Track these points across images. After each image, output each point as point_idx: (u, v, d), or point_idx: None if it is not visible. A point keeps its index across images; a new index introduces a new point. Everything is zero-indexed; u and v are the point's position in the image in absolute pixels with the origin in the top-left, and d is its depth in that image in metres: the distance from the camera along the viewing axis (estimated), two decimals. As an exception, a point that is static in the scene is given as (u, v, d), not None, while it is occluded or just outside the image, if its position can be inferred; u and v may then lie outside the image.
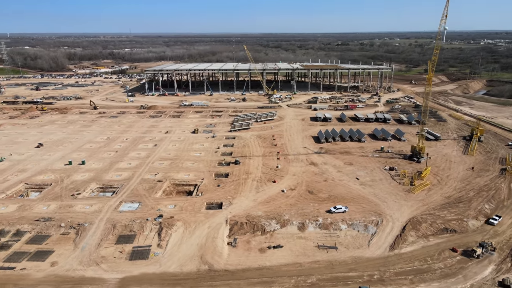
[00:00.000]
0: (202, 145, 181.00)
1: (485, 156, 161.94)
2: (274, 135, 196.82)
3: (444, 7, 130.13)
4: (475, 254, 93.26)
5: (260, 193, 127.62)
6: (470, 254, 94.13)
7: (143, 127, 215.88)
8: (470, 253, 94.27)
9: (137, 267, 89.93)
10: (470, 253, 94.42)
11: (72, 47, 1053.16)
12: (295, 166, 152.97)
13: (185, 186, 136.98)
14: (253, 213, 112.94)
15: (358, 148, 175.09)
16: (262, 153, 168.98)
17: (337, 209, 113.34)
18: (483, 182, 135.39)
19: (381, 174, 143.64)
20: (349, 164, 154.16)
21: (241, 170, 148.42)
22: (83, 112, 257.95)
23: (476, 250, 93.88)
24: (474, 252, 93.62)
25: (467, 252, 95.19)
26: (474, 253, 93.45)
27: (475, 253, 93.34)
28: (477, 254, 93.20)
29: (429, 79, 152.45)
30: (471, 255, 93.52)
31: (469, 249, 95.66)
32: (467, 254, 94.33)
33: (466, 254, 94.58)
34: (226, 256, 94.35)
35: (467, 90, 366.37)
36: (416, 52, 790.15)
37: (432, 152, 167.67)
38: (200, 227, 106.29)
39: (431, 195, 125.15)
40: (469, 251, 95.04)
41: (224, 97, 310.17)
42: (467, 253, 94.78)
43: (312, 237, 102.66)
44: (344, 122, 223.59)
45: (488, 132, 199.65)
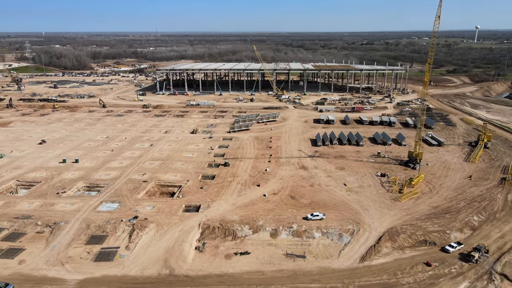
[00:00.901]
0: (197, 146, 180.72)
1: (487, 164, 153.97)
2: (272, 137, 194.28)
3: (438, 7, 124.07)
4: (473, 259, 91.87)
5: (241, 197, 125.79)
6: (468, 259, 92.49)
7: (145, 126, 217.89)
8: (468, 259, 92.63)
9: (100, 269, 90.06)
10: (468, 258, 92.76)
11: (100, 46, 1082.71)
12: (285, 169, 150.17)
13: (170, 187, 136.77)
14: (228, 218, 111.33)
15: (354, 152, 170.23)
16: (255, 155, 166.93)
17: (314, 216, 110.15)
18: (478, 191, 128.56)
19: (371, 180, 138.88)
20: (341, 169, 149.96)
21: (228, 172, 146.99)
22: (92, 111, 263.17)
23: (474, 255, 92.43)
24: (472, 258, 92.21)
25: (464, 257, 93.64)
26: (472, 258, 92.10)
27: (473, 258, 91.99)
28: (475, 259, 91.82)
29: (425, 81, 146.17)
30: (469, 260, 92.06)
31: (466, 254, 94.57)
32: (465, 260, 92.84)
33: (464, 259, 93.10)
34: (190, 261, 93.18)
35: (489, 92, 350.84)
36: (443, 52, 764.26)
37: (432, 158, 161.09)
38: (172, 230, 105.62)
39: (418, 204, 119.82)
40: (466, 256, 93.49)
41: (233, 97, 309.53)
42: (465, 258, 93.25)
43: (283, 245, 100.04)
44: (347, 124, 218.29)
45: (498, 138, 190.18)
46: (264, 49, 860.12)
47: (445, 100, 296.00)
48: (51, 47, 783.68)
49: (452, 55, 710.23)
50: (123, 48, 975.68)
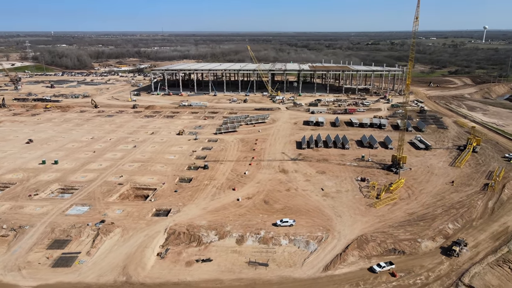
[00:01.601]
0: (180, 148, 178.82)
1: (473, 169, 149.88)
2: (258, 139, 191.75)
3: (416, 8, 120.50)
4: (455, 253, 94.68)
5: (214, 201, 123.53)
6: (449, 253, 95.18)
7: (133, 127, 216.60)
8: (449, 253, 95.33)
9: (56, 275, 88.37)
10: (449, 252, 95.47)
11: (105, 45, 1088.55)
12: (264, 173, 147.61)
13: (145, 190, 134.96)
14: (196, 223, 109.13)
15: (338, 156, 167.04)
16: (237, 158, 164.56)
17: (283, 223, 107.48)
18: (458, 198, 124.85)
19: (350, 185, 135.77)
20: (321, 173, 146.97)
21: (206, 175, 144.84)
22: (83, 111, 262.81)
23: (455, 249, 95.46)
24: (453, 252, 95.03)
25: (446, 251, 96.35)
26: (453, 252, 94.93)
27: (454, 252, 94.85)
28: (456, 253, 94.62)
29: (407, 84, 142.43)
30: (451, 254, 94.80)
31: (448, 247, 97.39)
32: (447, 254, 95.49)
33: (446, 253, 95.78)
34: (149, 268, 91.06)
35: (489, 94, 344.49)
36: (448, 53, 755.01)
37: (417, 163, 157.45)
38: (137, 235, 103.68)
39: (394, 211, 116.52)
40: (448, 250, 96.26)
41: (227, 98, 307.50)
42: (447, 252, 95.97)
43: (247, 252, 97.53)
44: (337, 127, 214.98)
45: (489, 141, 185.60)
46: (267, 49, 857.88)
47: (442, 102, 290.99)
48: (55, 47, 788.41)
49: (457, 56, 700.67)
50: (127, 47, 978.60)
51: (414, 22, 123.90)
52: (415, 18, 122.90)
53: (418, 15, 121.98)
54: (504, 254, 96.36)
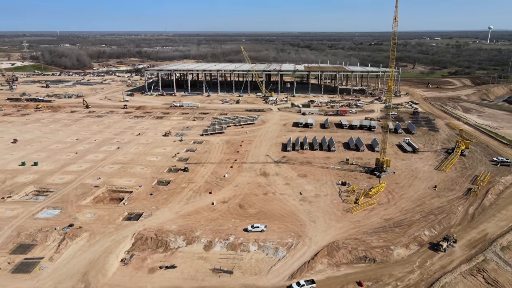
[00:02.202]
0: (164, 149, 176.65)
1: (458, 173, 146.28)
2: (244, 141, 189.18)
3: (395, 8, 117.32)
4: (442, 248, 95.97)
5: (188, 205, 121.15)
6: (437, 248, 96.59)
7: (120, 128, 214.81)
8: (437, 248, 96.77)
9: (14, 281, 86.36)
10: (437, 247, 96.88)
11: (108, 45, 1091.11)
12: (244, 176, 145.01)
13: (121, 192, 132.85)
14: (166, 227, 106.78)
15: (323, 159, 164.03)
16: (219, 160, 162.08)
17: (254, 228, 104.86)
18: (439, 203, 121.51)
19: (330, 189, 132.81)
20: (303, 176, 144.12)
21: (185, 178, 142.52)
22: (74, 111, 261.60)
23: (442, 244, 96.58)
24: (440, 247, 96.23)
25: (433, 246, 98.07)
26: (440, 247, 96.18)
27: (441, 247, 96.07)
28: (443, 248, 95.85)
29: (390, 86, 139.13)
30: (438, 249, 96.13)
31: (436, 243, 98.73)
32: (434, 249, 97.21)
33: (433, 248, 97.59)
34: (110, 275, 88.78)
35: (487, 96, 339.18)
36: (450, 53, 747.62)
37: (402, 166, 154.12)
38: (103, 240, 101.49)
39: (370, 217, 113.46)
40: (435, 246, 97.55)
41: (220, 98, 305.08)
42: (434, 247, 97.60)
43: (214, 258, 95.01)
44: (326, 128, 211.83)
45: (479, 144, 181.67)
46: (269, 49, 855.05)
47: (438, 103, 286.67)
48: (56, 47, 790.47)
49: (459, 56, 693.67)
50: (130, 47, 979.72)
51: (393, 22, 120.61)
52: (393, 19, 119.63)
53: (397, 16, 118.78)
54: (479, 263, 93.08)
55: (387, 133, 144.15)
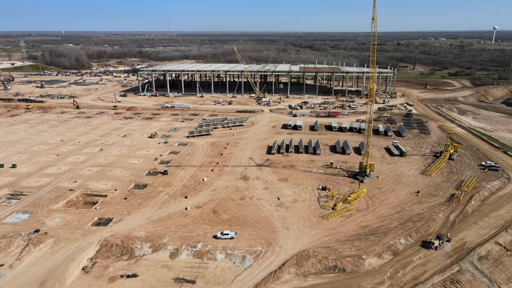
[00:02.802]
0: (147, 151, 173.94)
1: (444, 178, 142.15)
2: (229, 143, 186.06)
3: (373, 9, 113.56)
4: (433, 246, 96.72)
5: (161, 210, 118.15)
6: (428, 246, 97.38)
7: (107, 129, 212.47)
8: (428, 245, 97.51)
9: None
10: (428, 245, 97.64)
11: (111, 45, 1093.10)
12: (224, 179, 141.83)
13: (96, 196, 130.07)
14: (134, 233, 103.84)
15: (307, 162, 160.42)
16: (201, 163, 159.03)
17: (224, 235, 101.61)
18: (419, 210, 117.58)
19: (309, 194, 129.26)
20: (283, 180, 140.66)
21: (163, 181, 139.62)
22: (64, 112, 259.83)
23: (434, 242, 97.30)
24: (432, 244, 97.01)
25: (425, 244, 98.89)
26: (432, 245, 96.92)
27: (433, 245, 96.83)
28: (435, 246, 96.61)
29: (371, 88, 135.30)
30: (429, 247, 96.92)
31: (428, 241, 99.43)
32: (425, 246, 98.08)
33: (425, 245, 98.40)
34: (68, 284, 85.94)
35: (485, 97, 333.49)
36: (453, 54, 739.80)
37: (387, 170, 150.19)
38: (68, 247, 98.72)
39: (346, 223, 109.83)
40: (427, 244, 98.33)
41: (213, 99, 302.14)
42: (426, 245, 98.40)
43: (179, 267, 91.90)
44: (315, 131, 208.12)
45: (469, 148, 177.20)
46: (270, 49, 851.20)
47: (433, 105, 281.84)
48: (57, 46, 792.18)
49: (462, 57, 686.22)
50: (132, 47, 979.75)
51: (372, 23, 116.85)
52: (372, 19, 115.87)
53: (375, 16, 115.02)
54: (454, 274, 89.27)
55: (369, 136, 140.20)
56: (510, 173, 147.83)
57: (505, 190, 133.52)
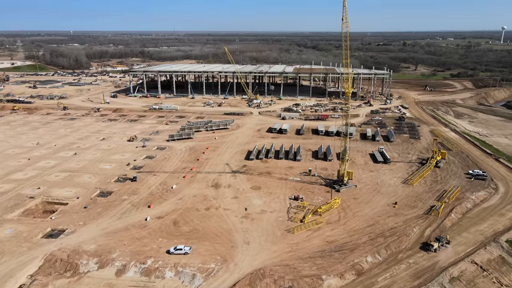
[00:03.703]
0: (122, 156, 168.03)
1: (426, 188, 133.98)
2: (209, 147, 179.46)
3: (343, 8, 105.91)
4: (432, 248, 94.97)
5: (120, 220, 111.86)
6: (427, 249, 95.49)
7: (88, 132, 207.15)
8: (427, 248, 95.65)
9: None
10: (427, 247, 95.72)
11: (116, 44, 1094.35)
12: (194, 187, 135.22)
13: (57, 204, 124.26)
14: (84, 247, 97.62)
15: (285, 169, 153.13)
16: (174, 169, 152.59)
17: (177, 250, 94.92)
18: (394, 223, 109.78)
19: (280, 204, 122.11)
20: (256, 189, 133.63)
21: (130, 188, 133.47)
22: (49, 113, 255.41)
23: (433, 244, 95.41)
24: (431, 247, 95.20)
25: (424, 246, 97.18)
26: (431, 248, 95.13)
27: (432, 248, 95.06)
28: (434, 248, 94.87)
29: (347, 92, 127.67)
30: (428, 250, 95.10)
31: (427, 243, 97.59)
32: (424, 249, 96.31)
33: (424, 248, 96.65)
34: (0, 303, 79.81)
35: (485, 99, 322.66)
36: (458, 54, 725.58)
37: (368, 178, 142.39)
38: (10, 261, 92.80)
39: (312, 238, 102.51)
40: (426, 246, 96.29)
41: (204, 101, 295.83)
42: (425, 247, 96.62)
43: (123, 285, 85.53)
44: (301, 135, 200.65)
45: (458, 155, 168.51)
46: (272, 49, 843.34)
47: (430, 108, 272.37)
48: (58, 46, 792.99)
49: (467, 57, 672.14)
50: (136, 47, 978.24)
51: (343, 24, 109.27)
52: (342, 19, 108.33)
53: (344, 17, 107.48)
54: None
55: (347, 142, 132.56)
56: (498, 183, 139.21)
57: (490, 201, 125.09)
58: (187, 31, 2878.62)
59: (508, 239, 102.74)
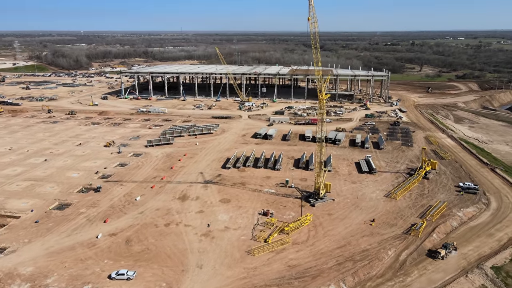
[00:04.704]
0: (94, 163, 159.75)
1: (410, 202, 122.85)
2: (187, 154, 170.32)
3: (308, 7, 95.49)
4: (439, 255, 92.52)
5: (69, 238, 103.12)
6: (434, 256, 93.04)
7: (66, 136, 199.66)
8: (434, 255, 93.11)
9: None
10: (434, 255, 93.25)
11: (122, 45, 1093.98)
12: (159, 199, 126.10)
13: (9, 218, 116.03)
14: (19, 270, 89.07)
15: (262, 179, 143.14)
16: (144, 178, 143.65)
17: (119, 275, 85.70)
18: (367, 244, 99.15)
19: (247, 220, 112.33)
20: (225, 202, 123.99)
21: (91, 200, 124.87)
22: (34, 116, 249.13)
23: (440, 251, 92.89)
24: (438, 254, 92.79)
25: (431, 253, 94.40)
26: (438, 255, 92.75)
27: (439, 255, 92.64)
28: (441, 256, 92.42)
29: (320, 99, 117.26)
30: (435, 257, 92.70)
31: (434, 251, 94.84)
32: (431, 256, 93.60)
33: (431, 255, 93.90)
34: None
35: (490, 103, 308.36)
36: (467, 54, 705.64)
37: (348, 191, 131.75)
38: None
39: (273, 262, 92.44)
40: (433, 253, 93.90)
41: (195, 103, 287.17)
42: (432, 254, 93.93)
43: (51, 317, 76.28)
44: (286, 141, 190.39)
45: (451, 164, 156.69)
46: (276, 50, 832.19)
47: (429, 112, 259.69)
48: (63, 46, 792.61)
49: (476, 58, 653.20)
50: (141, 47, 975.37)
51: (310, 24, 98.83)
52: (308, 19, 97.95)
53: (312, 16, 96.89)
54: (383, 338, 70.97)
55: (321, 148, 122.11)
56: (491, 197, 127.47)
57: (479, 219, 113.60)
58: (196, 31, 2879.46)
59: (494, 265, 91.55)
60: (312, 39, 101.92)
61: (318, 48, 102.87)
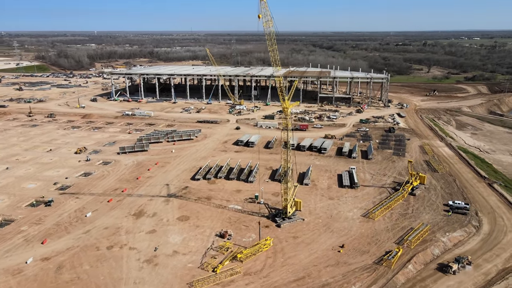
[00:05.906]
0: (57, 172, 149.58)
1: (390, 224, 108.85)
2: (158, 163, 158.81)
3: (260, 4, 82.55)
4: (451, 270, 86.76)
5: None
6: (446, 270, 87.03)
7: (39, 141, 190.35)
8: (446, 270, 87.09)
9: None
10: (446, 269, 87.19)
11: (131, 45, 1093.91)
12: (112, 215, 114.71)
13: None
14: None
15: (231, 193, 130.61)
16: (104, 190, 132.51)
17: (31, 313, 73.91)
18: (329, 277, 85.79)
19: (201, 243, 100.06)
20: (183, 220, 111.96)
21: (37, 216, 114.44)
22: (15, 118, 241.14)
23: (452, 266, 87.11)
24: (450, 268, 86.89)
25: (442, 268, 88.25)
26: (450, 269, 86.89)
27: (451, 269, 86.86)
28: (453, 270, 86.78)
29: (284, 108, 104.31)
30: (447, 271, 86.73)
31: (445, 264, 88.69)
32: (442, 270, 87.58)
33: (442, 270, 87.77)
34: None
35: (498, 107, 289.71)
36: (480, 55, 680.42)
37: (322, 209, 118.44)
38: None
39: (215, 298, 79.62)
40: (444, 267, 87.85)
41: (185, 106, 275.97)
42: (443, 269, 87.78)
43: None
44: (269, 149, 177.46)
45: (444, 178, 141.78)
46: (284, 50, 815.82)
47: (430, 117, 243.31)
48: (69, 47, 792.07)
49: (489, 58, 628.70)
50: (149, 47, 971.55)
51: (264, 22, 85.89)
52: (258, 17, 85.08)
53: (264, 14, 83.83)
54: None
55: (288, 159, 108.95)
56: (484, 218, 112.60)
57: (466, 246, 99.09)
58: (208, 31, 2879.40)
59: (476, 307, 77.28)
60: (267, 39, 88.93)
61: (275, 51, 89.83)
